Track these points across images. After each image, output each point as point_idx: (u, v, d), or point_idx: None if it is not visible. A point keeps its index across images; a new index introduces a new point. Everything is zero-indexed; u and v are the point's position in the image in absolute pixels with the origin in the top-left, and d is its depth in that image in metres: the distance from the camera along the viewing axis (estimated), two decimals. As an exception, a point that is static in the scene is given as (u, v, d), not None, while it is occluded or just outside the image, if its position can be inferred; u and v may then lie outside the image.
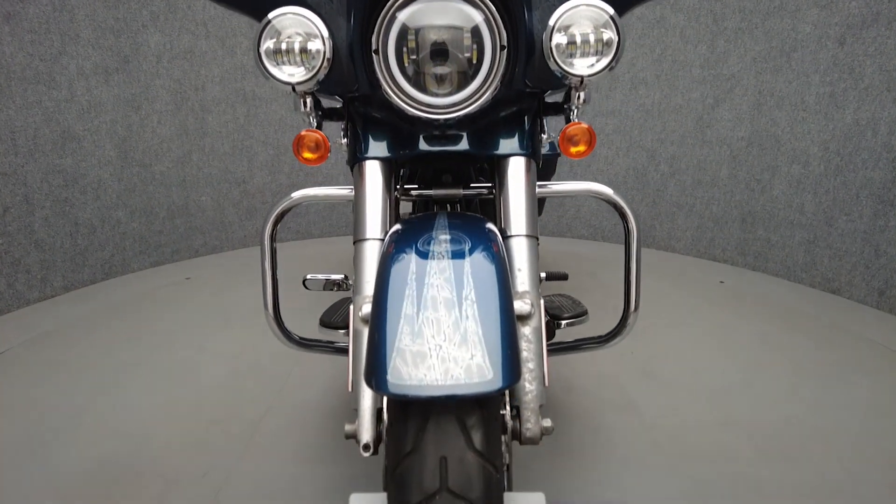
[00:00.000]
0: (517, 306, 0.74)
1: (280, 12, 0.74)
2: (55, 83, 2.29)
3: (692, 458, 1.26)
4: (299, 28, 0.75)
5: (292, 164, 3.23)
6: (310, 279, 1.08)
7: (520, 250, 0.83)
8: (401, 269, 0.64)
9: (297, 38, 0.75)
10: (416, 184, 1.08)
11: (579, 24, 0.74)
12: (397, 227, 0.77)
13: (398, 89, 0.77)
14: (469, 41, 0.75)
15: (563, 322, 1.09)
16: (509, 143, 0.90)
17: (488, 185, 1.00)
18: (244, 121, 3.05)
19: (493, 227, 0.76)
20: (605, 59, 0.75)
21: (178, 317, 2.12)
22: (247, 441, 1.33)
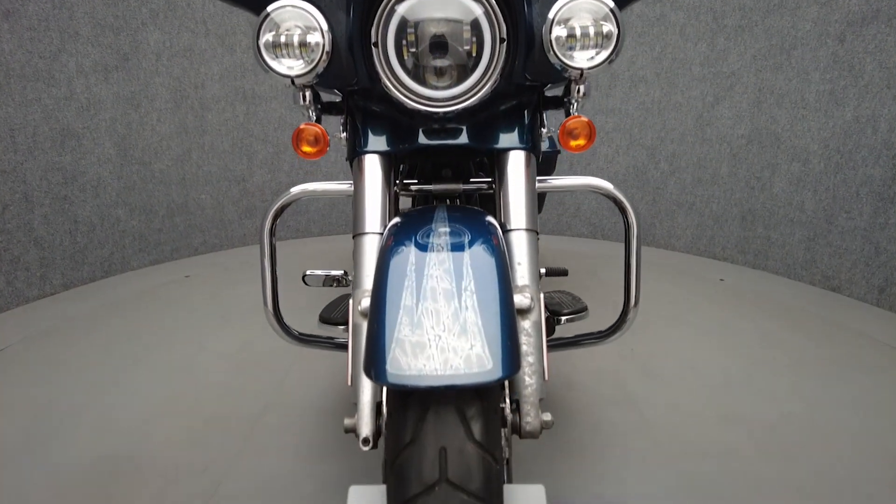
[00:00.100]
0: (517, 300, 0.74)
1: (279, 5, 0.73)
2: (54, 81, 2.28)
3: (691, 454, 1.26)
4: (298, 21, 0.74)
5: (292, 163, 3.22)
6: (309, 275, 1.08)
7: (520, 244, 0.82)
8: (400, 260, 0.64)
9: (297, 30, 0.74)
10: (415, 179, 1.08)
11: (579, 16, 0.74)
12: (396, 220, 0.77)
13: (397, 82, 0.77)
14: (468, 34, 0.74)
15: (563, 318, 1.08)
16: (509, 137, 0.89)
17: (488, 179, 0.99)
18: (244, 119, 3.05)
19: (493, 221, 0.76)
20: (604, 51, 0.75)
21: (178, 314, 2.12)
22: (246, 437, 1.33)
